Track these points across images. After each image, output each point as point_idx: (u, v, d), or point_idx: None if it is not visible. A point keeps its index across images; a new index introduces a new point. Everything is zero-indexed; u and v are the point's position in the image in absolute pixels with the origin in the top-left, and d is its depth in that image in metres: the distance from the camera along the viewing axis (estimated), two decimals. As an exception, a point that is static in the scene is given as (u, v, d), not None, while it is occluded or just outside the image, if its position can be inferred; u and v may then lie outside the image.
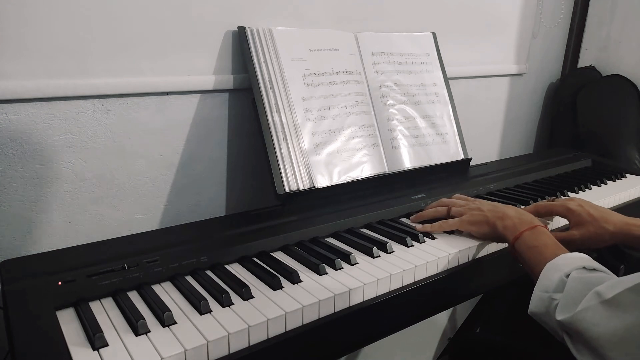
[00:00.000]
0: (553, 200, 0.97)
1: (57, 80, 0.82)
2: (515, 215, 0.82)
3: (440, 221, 0.90)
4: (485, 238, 0.86)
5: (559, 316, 0.62)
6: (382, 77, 1.11)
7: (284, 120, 0.94)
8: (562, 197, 0.97)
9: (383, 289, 0.73)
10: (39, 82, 0.80)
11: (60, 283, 0.64)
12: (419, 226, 0.90)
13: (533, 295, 0.68)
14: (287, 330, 0.63)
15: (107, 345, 0.56)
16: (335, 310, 0.68)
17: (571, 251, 0.73)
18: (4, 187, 0.82)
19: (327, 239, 0.87)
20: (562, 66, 1.79)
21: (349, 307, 0.69)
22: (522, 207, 0.98)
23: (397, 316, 0.77)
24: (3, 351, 0.85)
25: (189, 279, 0.72)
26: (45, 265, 0.68)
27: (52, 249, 0.77)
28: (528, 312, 0.69)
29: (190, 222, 0.91)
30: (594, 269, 0.65)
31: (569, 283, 0.63)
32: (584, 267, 0.65)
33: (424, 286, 0.77)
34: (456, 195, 0.99)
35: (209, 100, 0.98)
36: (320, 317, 0.66)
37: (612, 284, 0.59)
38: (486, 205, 0.88)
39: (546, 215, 0.95)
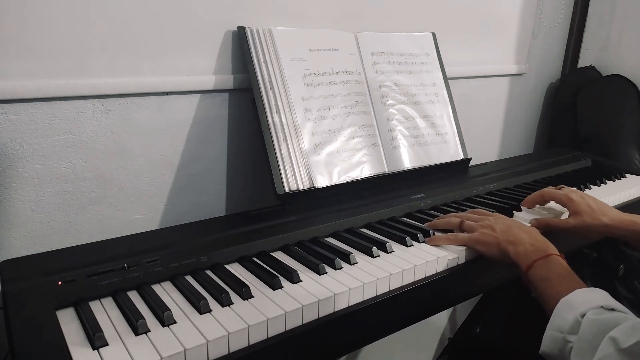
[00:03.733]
0: (559, 189, 0.98)
1: (57, 80, 0.82)
2: (529, 241, 0.78)
3: (449, 234, 0.87)
4: (494, 260, 0.82)
5: None
6: (381, 77, 1.11)
7: (283, 120, 0.94)
8: (568, 188, 0.98)
9: (383, 289, 0.73)
10: (39, 82, 0.80)
11: (60, 283, 0.64)
12: (427, 240, 0.87)
13: (545, 334, 0.66)
14: (286, 329, 0.63)
15: (107, 344, 0.56)
16: (335, 310, 0.68)
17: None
18: (4, 187, 0.82)
19: (327, 239, 0.87)
20: (562, 66, 1.79)
21: (349, 307, 0.69)
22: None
23: (397, 316, 0.77)
24: (3, 351, 0.85)
25: (189, 278, 0.72)
26: (45, 265, 0.68)
27: (52, 249, 0.77)
28: (539, 352, 0.66)
29: (190, 222, 0.91)
30: (613, 309, 0.62)
31: (584, 325, 0.60)
32: (602, 307, 0.62)
33: (423, 286, 0.77)
34: (475, 210, 0.95)
35: (209, 100, 0.98)
36: (320, 316, 0.66)
37: (627, 329, 0.56)
38: (500, 224, 0.83)
39: (549, 201, 0.97)
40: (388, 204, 0.98)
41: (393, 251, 0.82)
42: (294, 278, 0.71)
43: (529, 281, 0.74)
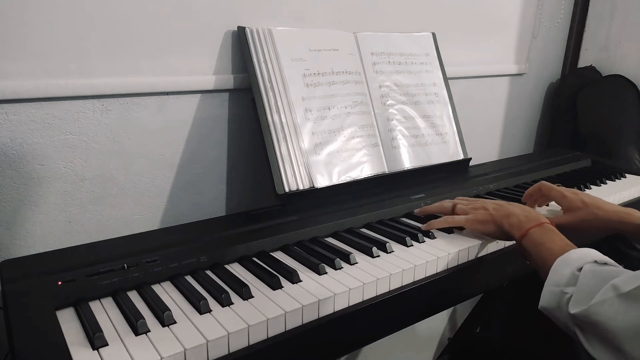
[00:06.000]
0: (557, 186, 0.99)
1: (57, 80, 0.82)
2: (521, 212, 0.82)
3: (447, 216, 0.90)
4: (492, 236, 0.86)
5: (573, 309, 0.62)
6: (381, 77, 1.11)
7: (283, 120, 0.94)
8: (564, 187, 0.99)
9: (383, 289, 0.73)
10: (39, 82, 0.80)
11: (60, 283, 0.64)
12: (423, 225, 0.90)
13: (544, 290, 0.68)
14: (286, 329, 0.63)
15: (107, 344, 0.56)
16: (335, 310, 0.68)
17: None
18: (4, 187, 0.82)
19: (327, 239, 0.87)
20: (562, 66, 1.79)
21: (349, 307, 0.69)
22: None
23: (397, 316, 0.77)
24: (3, 351, 0.85)
25: (189, 278, 0.72)
26: (45, 265, 0.68)
27: (52, 249, 0.77)
28: (539, 307, 0.68)
29: (190, 222, 0.91)
30: (605, 263, 0.65)
31: (582, 276, 0.63)
32: (595, 261, 0.65)
33: (423, 286, 0.77)
34: (458, 197, 0.99)
35: (209, 100, 0.98)
36: (320, 316, 0.66)
37: (629, 277, 0.58)
38: (490, 204, 0.88)
39: (547, 194, 0.99)
40: (388, 204, 0.98)
41: (393, 251, 0.82)
42: (293, 278, 0.71)
43: (524, 248, 0.77)
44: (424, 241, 0.86)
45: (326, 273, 0.74)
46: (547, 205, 1.06)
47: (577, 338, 0.62)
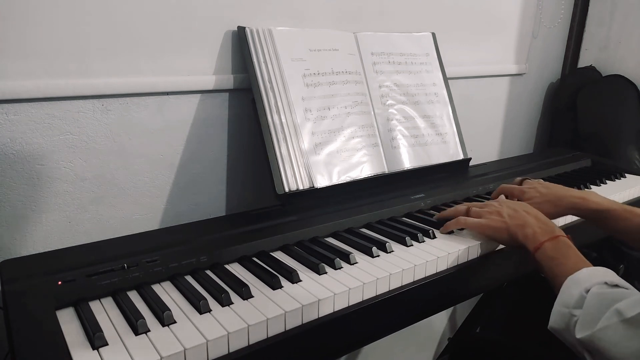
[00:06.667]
0: (521, 183, 1.00)
1: (57, 80, 0.82)
2: (536, 223, 0.79)
3: (459, 217, 0.88)
4: (504, 244, 0.85)
5: (579, 334, 0.61)
6: (381, 77, 1.11)
7: (283, 120, 0.94)
8: (530, 180, 1.01)
9: (382, 289, 0.73)
10: (39, 82, 0.80)
11: (60, 283, 0.64)
12: (441, 229, 0.89)
13: (553, 310, 0.67)
14: (286, 329, 0.63)
15: (106, 344, 0.56)
16: (335, 310, 0.68)
17: None
18: (4, 187, 0.82)
19: (327, 239, 0.87)
20: (562, 66, 1.79)
21: (349, 307, 0.69)
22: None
23: (397, 315, 0.77)
24: (3, 351, 0.85)
25: (189, 278, 0.72)
26: (45, 265, 0.68)
27: (52, 249, 0.77)
28: (548, 327, 0.68)
29: (190, 222, 0.91)
30: (616, 285, 0.63)
31: (588, 299, 0.62)
32: (606, 283, 0.64)
33: (423, 285, 0.77)
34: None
35: (209, 100, 0.99)
36: (319, 316, 0.66)
37: (633, 302, 0.57)
38: (506, 209, 0.85)
39: (509, 195, 0.98)
40: (388, 204, 0.98)
41: (393, 251, 0.82)
42: (293, 278, 0.71)
43: (537, 262, 0.76)
44: (423, 241, 0.86)
45: (326, 273, 0.74)
46: None
47: None
